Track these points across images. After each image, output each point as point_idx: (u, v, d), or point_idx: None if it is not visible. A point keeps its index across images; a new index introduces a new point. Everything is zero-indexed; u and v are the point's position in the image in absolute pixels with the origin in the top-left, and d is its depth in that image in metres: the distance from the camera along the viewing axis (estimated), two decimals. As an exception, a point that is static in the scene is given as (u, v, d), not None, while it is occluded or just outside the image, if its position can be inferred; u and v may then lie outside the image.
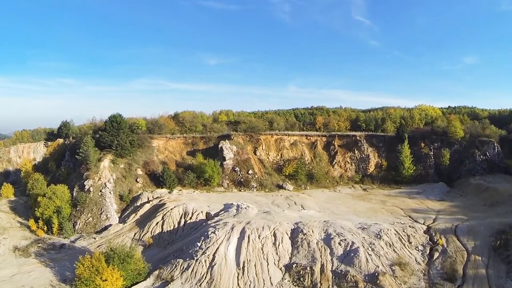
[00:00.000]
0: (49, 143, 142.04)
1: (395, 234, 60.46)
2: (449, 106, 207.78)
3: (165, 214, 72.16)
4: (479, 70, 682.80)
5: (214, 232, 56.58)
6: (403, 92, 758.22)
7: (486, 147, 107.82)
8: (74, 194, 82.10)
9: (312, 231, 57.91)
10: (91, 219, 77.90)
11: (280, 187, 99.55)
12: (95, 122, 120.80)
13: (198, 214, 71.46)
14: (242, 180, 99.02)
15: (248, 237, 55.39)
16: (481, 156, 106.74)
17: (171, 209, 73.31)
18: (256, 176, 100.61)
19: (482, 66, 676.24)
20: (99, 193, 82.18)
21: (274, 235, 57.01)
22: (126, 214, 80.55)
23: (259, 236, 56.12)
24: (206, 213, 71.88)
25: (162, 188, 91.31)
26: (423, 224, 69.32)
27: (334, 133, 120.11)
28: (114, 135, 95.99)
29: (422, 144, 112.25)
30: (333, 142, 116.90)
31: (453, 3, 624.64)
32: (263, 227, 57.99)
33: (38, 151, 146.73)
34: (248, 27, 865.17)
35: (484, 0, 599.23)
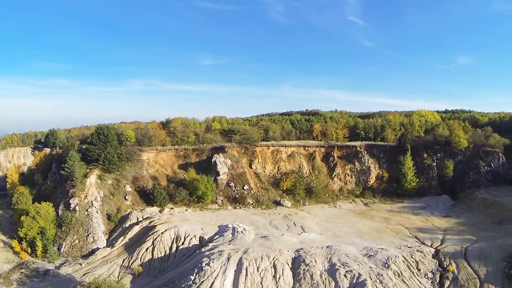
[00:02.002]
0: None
1: (403, 261, 57.24)
2: (446, 110, 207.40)
3: (155, 239, 68.30)
4: (472, 69, 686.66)
5: (208, 264, 52.96)
6: (398, 92, 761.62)
7: (491, 158, 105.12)
8: (60, 212, 78.41)
9: (315, 261, 54.41)
10: (77, 241, 74.03)
11: (277, 203, 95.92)
12: (83, 130, 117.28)
13: (191, 238, 67.70)
14: (237, 196, 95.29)
15: (246, 270, 51.87)
16: (486, 167, 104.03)
17: (162, 232, 69.49)
18: (252, 191, 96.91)
19: (475, 66, 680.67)
20: (86, 213, 78.30)
21: (274, 266, 53.43)
22: (114, 236, 76.65)
23: (257, 268, 52.58)
24: (199, 237, 68.33)
25: (152, 206, 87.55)
26: (431, 246, 66.34)
27: (333, 143, 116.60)
28: (101, 148, 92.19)
29: (425, 155, 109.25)
30: (332, 153, 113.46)
31: (446, 3, 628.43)
32: (261, 257, 54.45)
33: (29, 156, 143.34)
34: (243, 28, 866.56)
35: (476, 1, 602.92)
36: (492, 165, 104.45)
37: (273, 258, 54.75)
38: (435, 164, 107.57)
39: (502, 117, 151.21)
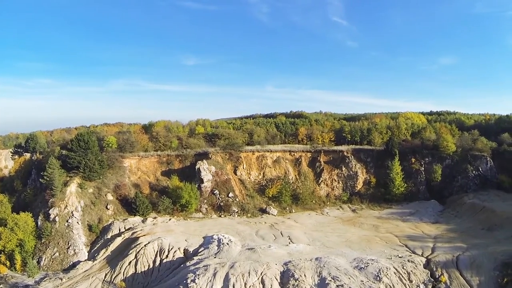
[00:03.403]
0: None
1: (395, 273, 56.48)
2: (431, 111, 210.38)
3: (138, 252, 66.17)
4: (455, 70, 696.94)
5: (194, 280, 51.37)
6: (382, 92, 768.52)
7: (479, 162, 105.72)
8: (39, 223, 75.69)
9: (304, 275, 53.27)
10: (57, 254, 71.39)
11: (263, 211, 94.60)
12: (64, 134, 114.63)
13: (175, 251, 65.85)
14: (222, 204, 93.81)
15: (233, 286, 50.39)
16: (474, 172, 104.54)
17: (145, 245, 67.44)
18: (237, 199, 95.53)
19: (457, 67, 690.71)
20: (66, 224, 75.74)
21: (262, 282, 52.08)
22: (95, 248, 74.27)
23: (245, 284, 51.18)
24: (184, 249, 66.61)
25: (135, 215, 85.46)
26: (422, 255, 65.94)
27: (319, 148, 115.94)
28: (82, 155, 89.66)
29: (413, 159, 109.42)
30: (318, 158, 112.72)
31: (429, 5, 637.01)
32: (249, 272, 53.08)
33: (10, 159, 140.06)
34: (227, 28, 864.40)
35: (459, 3, 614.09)
36: (480, 169, 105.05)
37: (261, 273, 53.44)
38: (423, 168, 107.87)
39: (488, 119, 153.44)
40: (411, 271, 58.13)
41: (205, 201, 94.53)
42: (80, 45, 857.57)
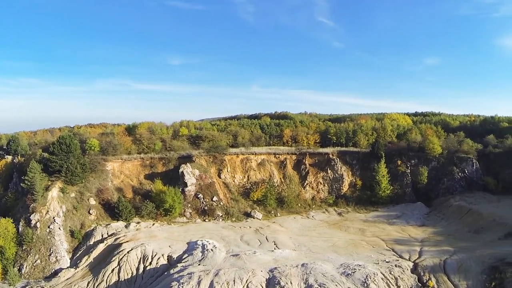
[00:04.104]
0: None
1: (382, 278, 55.99)
2: (416, 112, 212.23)
3: (121, 259, 64.82)
4: (439, 71, 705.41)
5: (177, 289, 50.22)
6: (367, 92, 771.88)
7: (465, 164, 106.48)
8: (20, 229, 73.85)
9: (291, 282, 52.43)
10: (39, 261, 69.61)
11: (248, 215, 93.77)
12: (46, 136, 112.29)
13: (158, 258, 64.65)
14: (206, 208, 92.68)
15: (218, 295, 49.41)
16: (460, 174, 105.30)
17: (128, 252, 66.10)
18: (221, 203, 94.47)
19: (442, 67, 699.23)
20: (47, 230, 73.97)
21: (248, 290, 51.20)
22: (78, 255, 72.56)
23: (230, 292, 50.21)
24: (167, 256, 65.42)
25: (118, 220, 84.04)
26: (409, 259, 65.88)
27: (304, 150, 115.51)
28: (63, 159, 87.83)
29: (399, 162, 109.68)
30: (303, 160, 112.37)
31: (415, 6, 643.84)
32: (234, 280, 52.12)
33: None
34: (213, 28, 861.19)
35: (444, 5, 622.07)
36: (466, 171, 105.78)
37: (246, 281, 52.53)
38: (409, 171, 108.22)
39: (473, 121, 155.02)
40: (399, 276, 57.78)
41: (189, 205, 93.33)
42: (65, 44, 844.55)
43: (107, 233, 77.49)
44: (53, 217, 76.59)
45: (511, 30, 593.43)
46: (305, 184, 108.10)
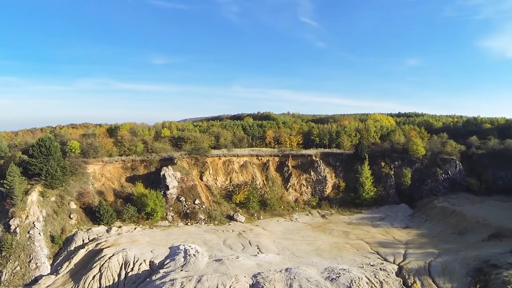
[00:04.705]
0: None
1: (367, 282, 55.47)
2: (399, 113, 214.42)
3: (102, 265, 63.09)
4: (421, 71, 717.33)
5: (158, 296, 48.94)
6: (350, 93, 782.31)
7: (448, 166, 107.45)
8: (-1, 235, 71.70)
9: (274, 288, 51.64)
10: (18, 268, 67.18)
11: (231, 218, 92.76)
12: (27, 137, 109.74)
13: (140, 263, 63.14)
14: (188, 211, 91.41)
15: (200, 302, 48.31)
16: (443, 175, 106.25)
17: (110, 257, 64.41)
18: (203, 206, 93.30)
19: (423, 68, 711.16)
20: (27, 235, 71.61)
21: (231, 296, 50.20)
22: (58, 261, 70.45)
23: (212, 299, 49.13)
24: (149, 261, 64.00)
25: (99, 225, 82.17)
26: (394, 262, 65.69)
27: (287, 152, 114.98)
28: (43, 162, 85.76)
29: (383, 163, 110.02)
30: (286, 162, 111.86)
31: (398, 7, 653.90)
32: (217, 286, 51.05)
33: None
34: (196, 27, 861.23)
35: (428, 7, 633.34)
36: (450, 173, 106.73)
37: (230, 287, 51.54)
38: (392, 172, 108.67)
39: (456, 122, 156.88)
40: (384, 280, 57.41)
41: (171, 208, 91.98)
42: (47, 42, 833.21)
43: (88, 238, 75.58)
44: (33, 222, 74.31)
45: (492, 32, 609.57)
46: (288, 186, 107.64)
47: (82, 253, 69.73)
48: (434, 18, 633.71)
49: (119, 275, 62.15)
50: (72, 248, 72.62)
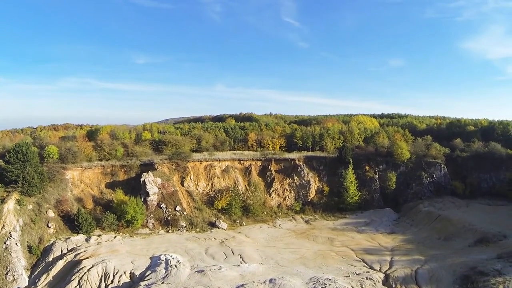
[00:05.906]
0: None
1: (353, 293, 55.01)
2: (382, 114, 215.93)
3: (81, 278, 60.93)
4: (403, 72, 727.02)
5: (137, 312, 47.50)
6: (333, 93, 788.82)
7: (433, 169, 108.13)
8: (-25, 246, 68.99)
9: (258, 300, 50.66)
10: (-5, 280, 65.16)
11: (212, 225, 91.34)
12: (4, 141, 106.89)
13: (120, 275, 61.26)
14: (169, 218, 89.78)
15: (180, 318, 47.03)
16: (428, 179, 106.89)
17: (89, 269, 62.22)
18: (185, 212, 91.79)
19: (405, 69, 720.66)
20: (3, 246, 68.77)
21: (213, 311, 49.02)
22: (36, 273, 67.77)
23: (193, 314, 47.92)
24: (130, 273, 62.23)
25: (78, 234, 79.83)
26: (380, 270, 65.44)
27: (270, 156, 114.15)
28: (20, 168, 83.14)
29: (367, 167, 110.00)
30: (269, 166, 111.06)
31: (380, 8, 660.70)
32: (198, 300, 49.86)
33: None
34: (178, 27, 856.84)
35: (409, 8, 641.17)
36: (434, 176, 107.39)
37: (211, 300, 50.42)
38: (377, 176, 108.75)
39: (439, 123, 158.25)
40: (370, 289, 57.03)
41: (152, 215, 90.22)
42: (27, 41, 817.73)
43: (67, 248, 73.21)
44: (10, 232, 71.50)
45: (474, 34, 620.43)
46: (271, 191, 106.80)
47: (60, 264, 67.38)
48: (416, 19, 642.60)
49: (99, 287, 60.58)
50: (50, 259, 70.20)
